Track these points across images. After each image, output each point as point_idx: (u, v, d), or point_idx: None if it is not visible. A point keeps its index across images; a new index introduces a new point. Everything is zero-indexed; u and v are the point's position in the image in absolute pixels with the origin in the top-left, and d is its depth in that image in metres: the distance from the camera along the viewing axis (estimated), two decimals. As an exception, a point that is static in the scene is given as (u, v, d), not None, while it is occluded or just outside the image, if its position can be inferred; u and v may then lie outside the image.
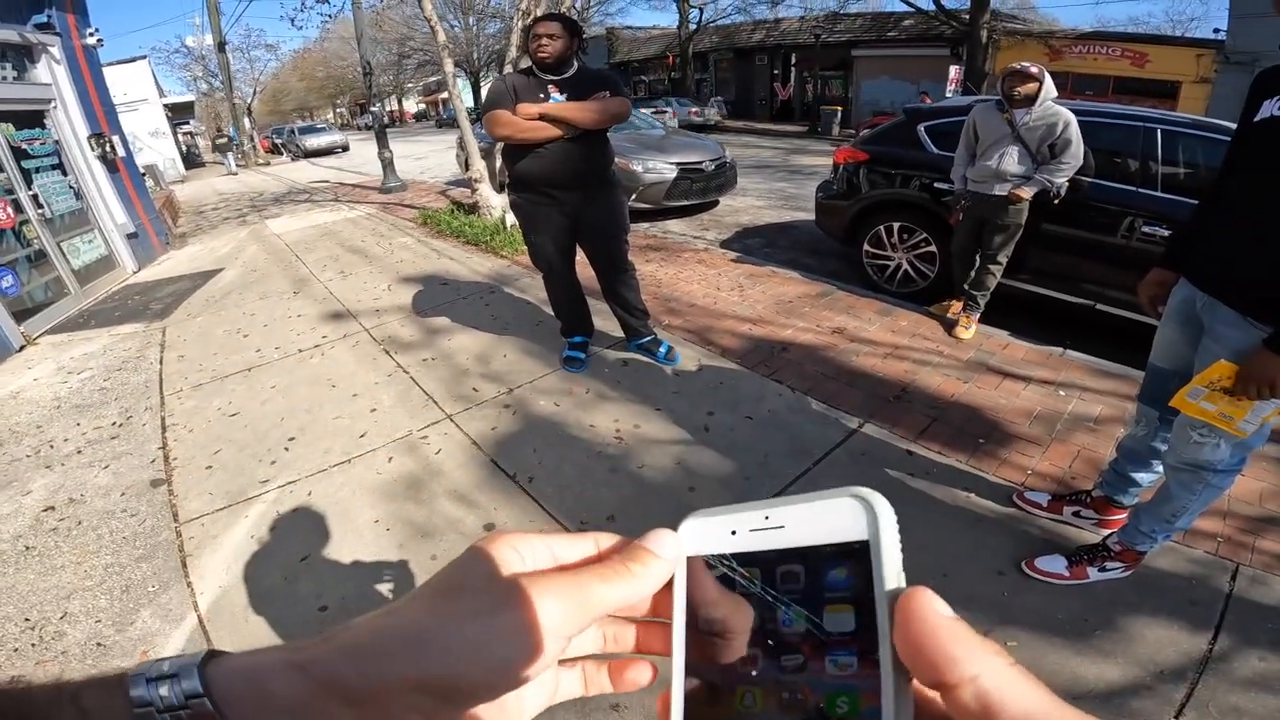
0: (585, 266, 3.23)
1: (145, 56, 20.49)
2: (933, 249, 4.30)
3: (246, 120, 25.05)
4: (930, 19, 18.80)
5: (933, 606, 0.23)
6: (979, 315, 3.70)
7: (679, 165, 7.03)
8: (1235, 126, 1.59)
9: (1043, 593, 1.89)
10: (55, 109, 5.96)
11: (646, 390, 3.16)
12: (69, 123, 6.07)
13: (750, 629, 0.28)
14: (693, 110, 22.80)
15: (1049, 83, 3.22)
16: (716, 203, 8.24)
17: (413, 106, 57.88)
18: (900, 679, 0.24)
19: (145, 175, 8.53)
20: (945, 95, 16.56)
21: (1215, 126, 3.42)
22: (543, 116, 2.70)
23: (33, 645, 1.93)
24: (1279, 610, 1.79)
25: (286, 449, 2.89)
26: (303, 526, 2.37)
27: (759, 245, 6.39)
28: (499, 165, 6.61)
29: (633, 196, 6.76)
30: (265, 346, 4.10)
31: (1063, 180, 3.29)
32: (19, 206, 5.18)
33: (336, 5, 10.13)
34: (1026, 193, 3.30)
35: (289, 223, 8.60)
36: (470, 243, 6.24)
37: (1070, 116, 3.17)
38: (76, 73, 6.18)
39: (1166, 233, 3.31)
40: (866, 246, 4.68)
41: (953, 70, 18.47)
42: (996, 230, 3.47)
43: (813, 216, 5.36)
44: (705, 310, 4.17)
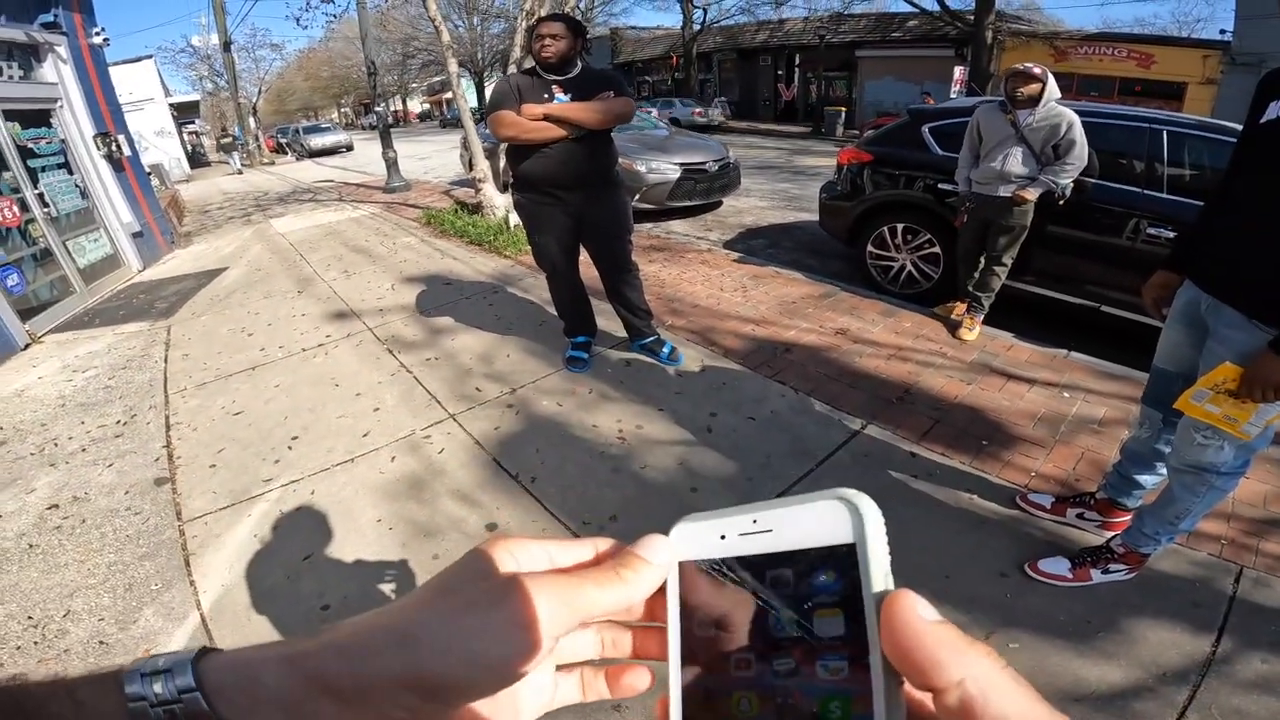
0: (589, 266, 3.23)
1: (151, 56, 20.58)
2: (936, 250, 4.29)
3: (251, 120, 25.12)
4: (935, 20, 18.78)
5: (915, 611, 0.23)
6: (983, 317, 3.70)
7: (682, 166, 7.03)
8: (1241, 128, 1.58)
9: (1045, 595, 1.89)
10: (61, 108, 5.98)
11: (649, 391, 3.16)
12: (75, 122, 6.09)
13: (743, 633, 0.28)
14: (696, 110, 22.80)
15: (1052, 84, 3.22)
16: (720, 203, 8.24)
17: (417, 106, 57.96)
18: (891, 683, 0.24)
19: (151, 174, 8.54)
20: (950, 96, 16.53)
21: (1221, 128, 3.41)
22: (547, 117, 2.70)
23: (35, 643, 1.94)
24: (1283, 614, 1.79)
25: (290, 448, 2.89)
26: (305, 525, 2.38)
27: (762, 246, 6.39)
28: (503, 165, 6.62)
29: (636, 197, 6.76)
30: (269, 345, 4.11)
31: (1067, 181, 3.28)
32: (25, 205, 5.20)
33: (341, 5, 10.10)
34: (1031, 194, 3.29)
35: (293, 222, 8.62)
36: (474, 243, 6.24)
37: (1074, 117, 3.16)
38: (83, 72, 6.20)
39: (1172, 234, 3.30)
40: (870, 247, 4.67)
41: (957, 71, 18.43)
42: (1001, 232, 3.46)
43: (816, 217, 5.35)
44: (708, 311, 4.17)
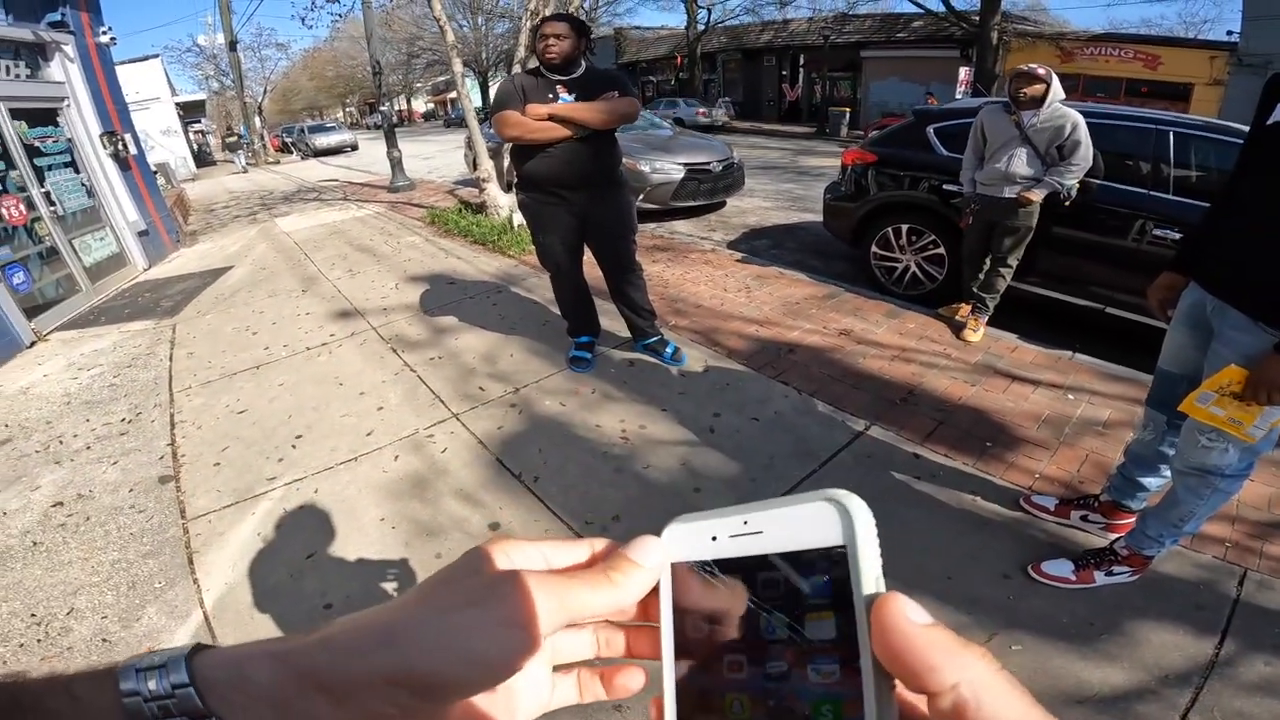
0: (592, 266, 3.23)
1: (158, 55, 20.72)
2: (941, 251, 4.28)
3: (257, 119, 25.23)
4: (940, 20, 18.69)
5: (904, 614, 0.23)
6: (988, 318, 3.68)
7: (686, 166, 7.03)
8: (1248, 129, 1.58)
9: (1048, 597, 1.88)
10: (68, 107, 6.01)
11: (652, 391, 3.16)
12: (82, 121, 6.12)
13: (735, 636, 0.28)
14: (700, 111, 22.79)
15: (1056, 84, 3.21)
16: (724, 203, 8.24)
17: (421, 106, 58.08)
18: (883, 687, 0.23)
19: (157, 173, 8.59)
20: (955, 97, 16.50)
21: (1228, 129, 3.40)
22: (552, 117, 2.70)
23: (39, 641, 1.95)
24: (1288, 617, 1.78)
25: (294, 446, 2.90)
26: (309, 524, 2.38)
27: (766, 246, 6.38)
28: (506, 165, 6.63)
29: (640, 197, 6.77)
30: (273, 344, 4.13)
31: (1072, 182, 3.27)
32: (31, 204, 5.23)
33: (347, 5, 10.17)
34: (1036, 195, 3.28)
35: (298, 221, 8.64)
36: (478, 242, 6.25)
37: (1078, 118, 3.15)
38: (89, 71, 6.23)
39: (1178, 236, 3.28)
40: (874, 248, 4.67)
41: (962, 72, 18.41)
42: (1006, 233, 3.45)
43: (820, 218, 5.35)
44: (712, 311, 4.17)
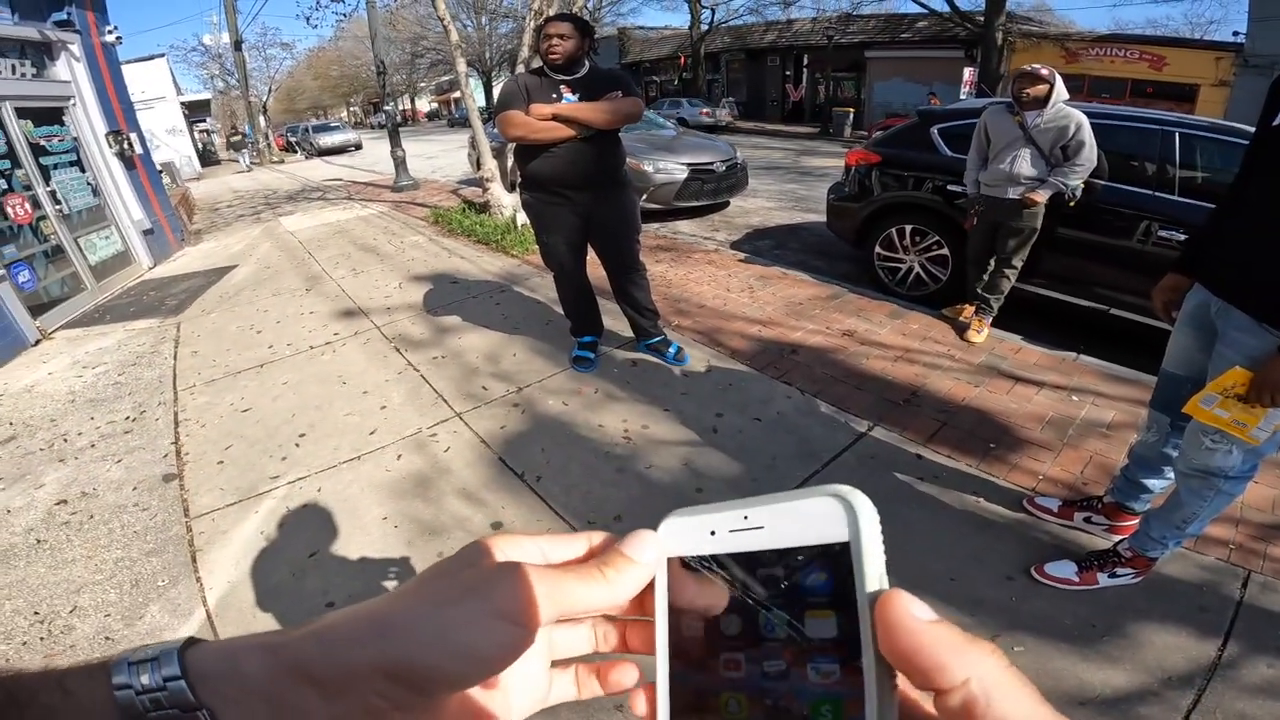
0: (595, 266, 3.24)
1: (163, 55, 20.76)
2: (945, 252, 4.27)
3: (261, 118, 25.26)
4: (945, 21, 18.68)
5: (910, 611, 0.23)
6: (991, 319, 3.68)
7: (690, 166, 7.02)
8: (1254, 130, 1.57)
9: (1051, 598, 1.88)
10: (74, 106, 6.04)
11: (655, 391, 3.16)
12: (87, 120, 6.15)
13: (732, 633, 0.28)
14: (704, 111, 22.79)
15: (1060, 85, 3.20)
16: (727, 204, 8.23)
17: (425, 105, 58.19)
18: (885, 686, 0.23)
19: (162, 172, 8.62)
20: (959, 97, 16.48)
21: (1233, 130, 3.39)
22: (555, 117, 2.70)
23: (41, 639, 1.95)
24: (1292, 620, 1.77)
25: (297, 445, 2.91)
26: (312, 523, 2.39)
27: (769, 247, 6.38)
28: (510, 164, 6.63)
29: (643, 197, 6.76)
30: (277, 343, 4.14)
31: (1077, 183, 3.26)
32: (37, 202, 5.26)
33: (351, 4, 10.15)
34: (1041, 196, 3.27)
35: (302, 220, 8.67)
36: (481, 241, 6.26)
37: (1082, 118, 3.14)
38: (95, 70, 6.26)
39: (1183, 237, 3.27)
40: (878, 249, 4.66)
41: (967, 72, 18.38)
42: (1011, 234, 3.44)
43: (823, 218, 5.34)
44: (715, 311, 4.16)
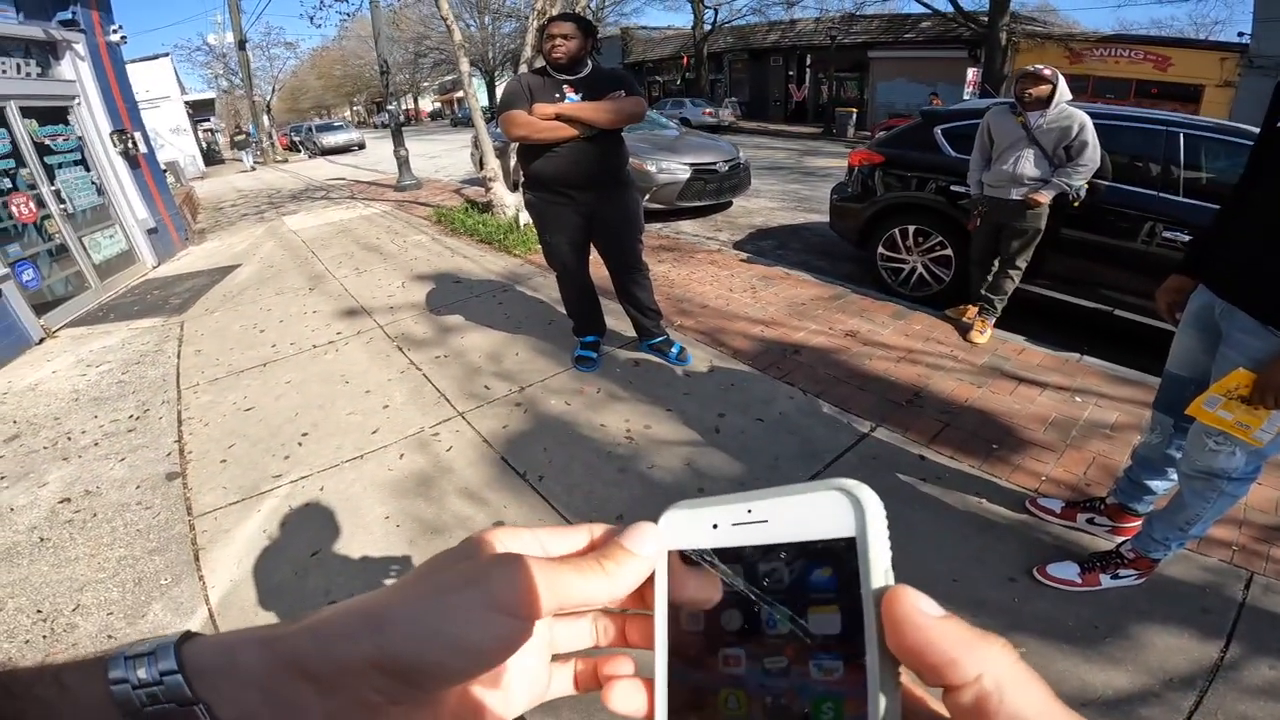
0: (598, 266, 3.24)
1: (168, 54, 20.80)
2: (948, 253, 4.26)
3: (265, 118, 25.30)
4: (948, 21, 18.65)
5: (918, 607, 0.22)
6: (995, 320, 3.67)
7: (692, 166, 7.02)
8: (1258, 131, 1.57)
9: (1053, 599, 1.88)
10: (79, 105, 6.05)
11: (657, 391, 3.16)
12: (92, 119, 6.17)
13: (733, 629, 0.27)
14: (707, 111, 22.79)
15: (1063, 85, 3.19)
16: (730, 204, 8.23)
17: (428, 105, 58.25)
18: (889, 684, 0.23)
19: (166, 171, 8.64)
20: (963, 98, 16.45)
21: (1238, 130, 3.38)
22: (559, 116, 2.70)
23: (44, 637, 1.96)
24: (1295, 621, 1.77)
25: (300, 444, 2.91)
26: (314, 522, 2.39)
27: (772, 247, 6.37)
28: (513, 164, 6.64)
29: (646, 197, 6.75)
30: (280, 342, 4.15)
31: (1080, 183, 3.25)
32: (41, 201, 5.27)
33: (355, 4, 10.17)
34: (1044, 197, 3.27)
35: (305, 220, 8.68)
36: (484, 241, 6.27)
37: (1085, 118, 3.14)
38: (100, 69, 6.27)
39: (1188, 238, 3.26)
40: (881, 249, 4.65)
41: (970, 72, 18.33)
42: (1015, 235, 3.44)
43: (826, 219, 5.34)
44: (717, 311, 4.16)
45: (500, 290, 4.79)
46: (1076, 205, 3.37)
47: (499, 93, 3.54)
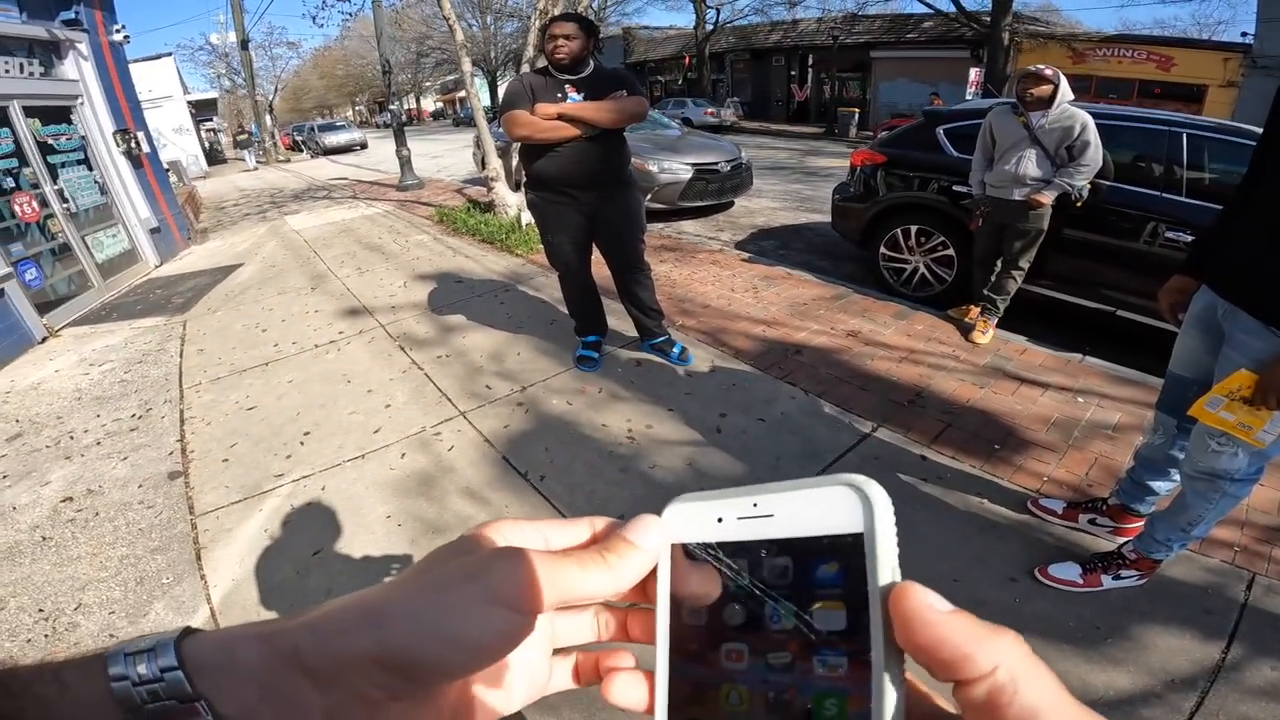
0: (600, 265, 3.24)
1: (170, 53, 20.82)
2: (950, 253, 4.26)
3: (268, 117, 25.31)
4: (951, 21, 18.64)
5: (928, 603, 0.22)
6: (997, 320, 3.67)
7: (694, 166, 7.02)
8: (1261, 131, 1.56)
9: (1055, 600, 1.88)
10: (82, 105, 6.07)
11: (659, 391, 3.16)
12: (95, 118, 6.18)
13: (736, 624, 0.27)
14: (709, 111, 22.78)
15: (1064, 85, 3.18)
16: (732, 204, 8.23)
17: (430, 105, 58.29)
18: (894, 681, 0.22)
19: (169, 171, 8.65)
20: (965, 98, 16.43)
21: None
22: (561, 116, 2.70)
23: (46, 636, 1.96)
24: (1297, 622, 1.77)
25: (302, 443, 2.92)
26: (316, 521, 2.39)
27: (774, 247, 6.37)
28: (515, 164, 6.65)
29: (648, 196, 6.76)
30: (282, 341, 4.15)
31: (1082, 183, 3.25)
32: (44, 201, 5.29)
33: (357, 4, 10.18)
34: (1047, 197, 3.26)
35: (307, 219, 8.69)
36: (486, 241, 6.27)
37: (1087, 118, 3.13)
38: (103, 69, 6.29)
39: (1190, 238, 3.26)
40: (883, 249, 4.65)
41: (973, 73, 18.31)
42: (1017, 235, 3.43)
43: (828, 219, 5.33)
44: (719, 311, 4.16)
45: (502, 290, 4.79)
46: (1079, 205, 3.36)
47: (501, 93, 3.54)
